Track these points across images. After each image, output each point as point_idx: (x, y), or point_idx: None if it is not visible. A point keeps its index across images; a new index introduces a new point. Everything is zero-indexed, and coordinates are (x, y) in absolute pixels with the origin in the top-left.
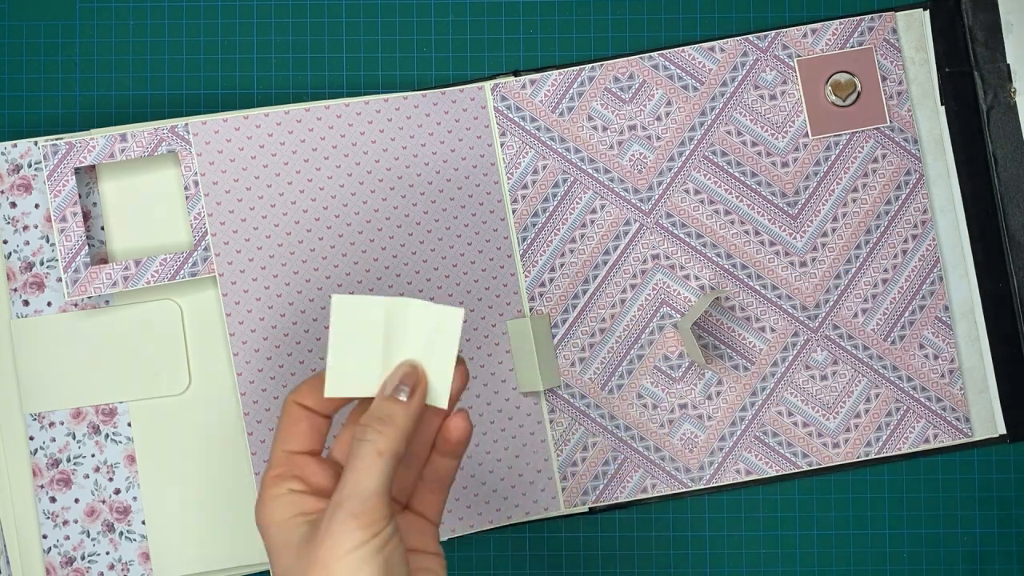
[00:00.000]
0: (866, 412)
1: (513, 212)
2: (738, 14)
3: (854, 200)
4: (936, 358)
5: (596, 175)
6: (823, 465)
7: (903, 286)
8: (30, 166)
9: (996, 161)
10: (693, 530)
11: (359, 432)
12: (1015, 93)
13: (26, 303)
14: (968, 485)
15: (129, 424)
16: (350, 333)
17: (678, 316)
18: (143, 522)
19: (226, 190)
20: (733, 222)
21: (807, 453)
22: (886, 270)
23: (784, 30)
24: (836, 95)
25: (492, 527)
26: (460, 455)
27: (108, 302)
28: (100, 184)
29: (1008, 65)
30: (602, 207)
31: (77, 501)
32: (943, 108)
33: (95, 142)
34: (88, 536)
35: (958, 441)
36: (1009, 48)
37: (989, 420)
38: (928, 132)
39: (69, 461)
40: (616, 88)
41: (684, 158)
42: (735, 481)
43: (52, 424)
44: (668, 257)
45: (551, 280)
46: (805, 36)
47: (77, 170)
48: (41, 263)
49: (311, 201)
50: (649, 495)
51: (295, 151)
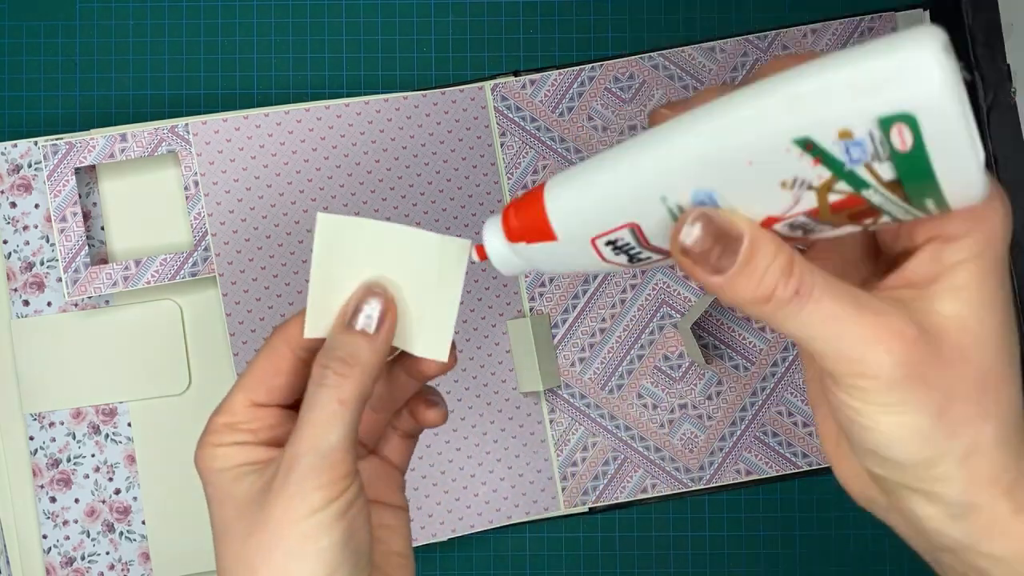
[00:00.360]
0: None
1: None
2: (738, 14)
3: None
4: None
5: None
6: (823, 465)
7: None
8: (30, 166)
9: (996, 161)
10: (693, 530)
11: (317, 375)
12: (1015, 93)
13: (26, 303)
14: None
15: (129, 424)
16: (336, 261)
17: (678, 316)
18: (143, 522)
19: (226, 190)
20: None
21: (807, 453)
22: None
23: (784, 30)
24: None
25: (492, 527)
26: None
27: (108, 302)
28: (100, 184)
29: (1008, 65)
30: None
31: (77, 501)
32: None
33: (95, 142)
34: (88, 536)
35: None
36: (1009, 48)
37: None
38: None
39: (69, 461)
40: (616, 88)
41: None
42: (735, 481)
43: (52, 424)
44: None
45: (551, 280)
46: (805, 36)
47: (77, 170)
48: (41, 263)
49: (311, 201)
50: (649, 495)
51: (295, 151)
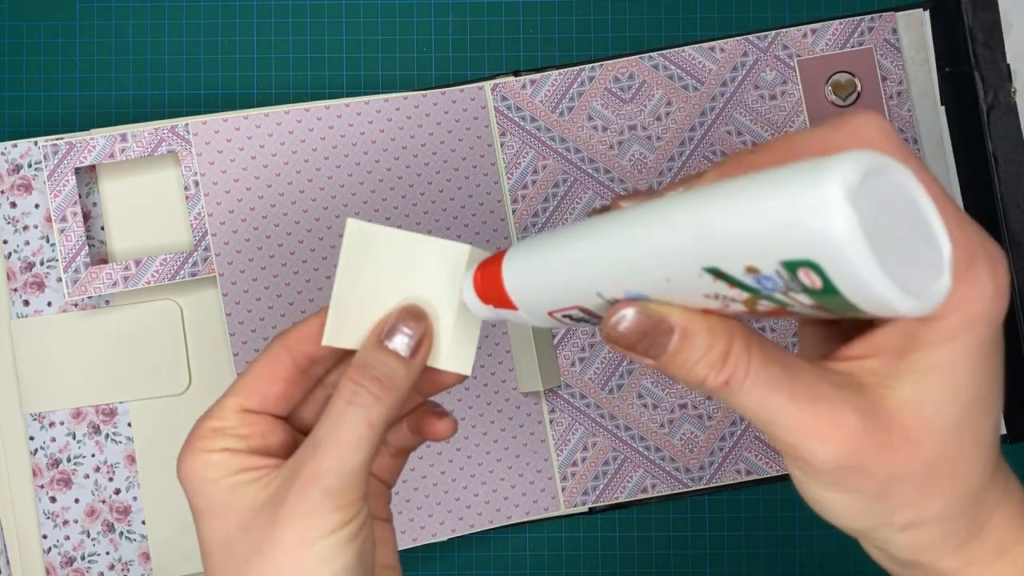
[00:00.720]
0: None
1: (513, 212)
2: (738, 14)
3: None
4: None
5: (596, 175)
6: None
7: None
8: (30, 166)
9: (996, 161)
10: (693, 530)
11: (348, 391)
12: (1015, 93)
13: (26, 303)
14: None
15: (129, 424)
16: (362, 270)
17: None
18: (143, 522)
19: (226, 190)
20: None
21: None
22: None
23: (784, 30)
24: (836, 95)
25: (492, 527)
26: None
27: (108, 302)
28: (100, 184)
29: (1008, 65)
30: (602, 206)
31: (77, 501)
32: (943, 108)
33: (95, 142)
34: (88, 536)
35: None
36: (1009, 48)
37: None
38: (928, 132)
39: (69, 461)
40: (616, 88)
41: (684, 158)
42: (735, 481)
43: (52, 424)
44: None
45: None
46: (805, 36)
47: (77, 170)
48: (41, 263)
49: (311, 201)
50: (649, 495)
51: (295, 151)
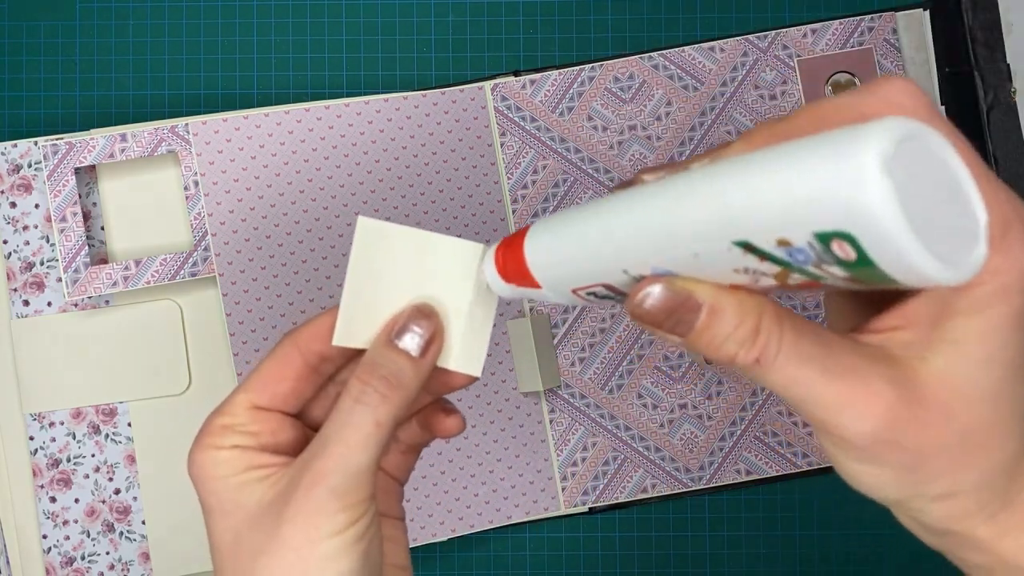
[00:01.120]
0: None
1: (513, 212)
2: (738, 14)
3: None
4: None
5: (596, 175)
6: (823, 465)
7: None
8: (30, 166)
9: (996, 161)
10: (693, 530)
11: (356, 390)
12: (1015, 93)
13: (26, 303)
14: None
15: (129, 424)
16: (373, 268)
17: None
18: (143, 522)
19: (226, 190)
20: None
21: (807, 453)
22: None
23: (784, 30)
24: (836, 95)
25: (492, 527)
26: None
27: (108, 302)
28: (100, 184)
29: (1008, 65)
30: None
31: (77, 501)
32: (943, 108)
33: (95, 142)
34: (88, 536)
35: None
36: (1009, 48)
37: None
38: None
39: (69, 461)
40: (616, 88)
41: (684, 158)
42: (735, 481)
43: (52, 424)
44: None
45: None
46: (805, 36)
47: (77, 170)
48: (41, 263)
49: (311, 201)
50: (649, 495)
51: (295, 151)
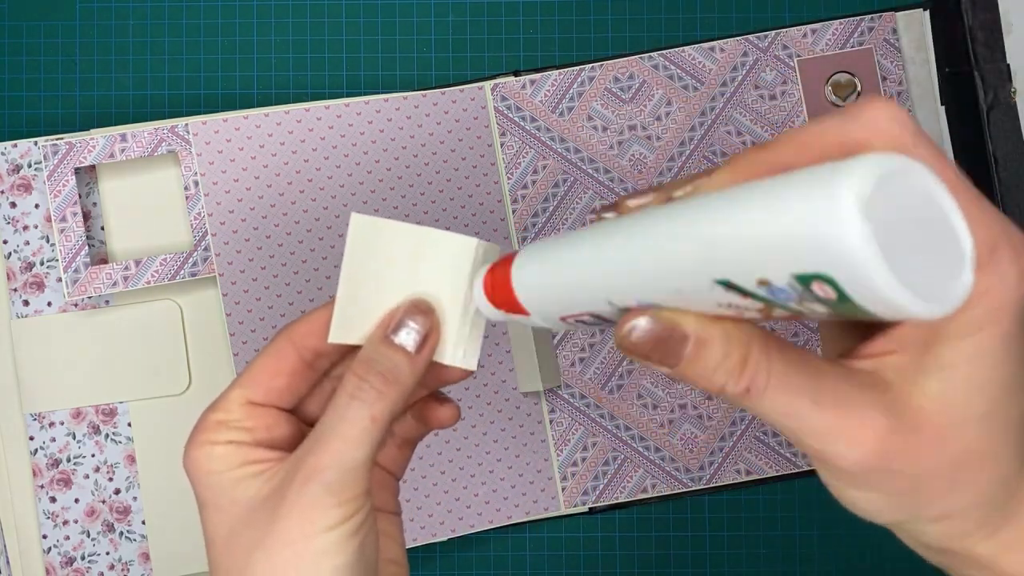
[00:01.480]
0: None
1: (513, 212)
2: (738, 14)
3: None
4: None
5: (596, 175)
6: None
7: None
8: (30, 166)
9: (996, 161)
10: (693, 530)
11: (351, 385)
12: (1015, 93)
13: (26, 303)
14: None
15: (129, 424)
16: (368, 264)
17: None
18: (143, 522)
19: (226, 190)
20: None
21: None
22: None
23: (784, 30)
24: (836, 95)
25: (492, 527)
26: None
27: (108, 302)
28: (100, 184)
29: (1008, 65)
30: (602, 207)
31: (77, 501)
32: (943, 108)
33: (95, 142)
34: (88, 536)
35: None
36: (1009, 48)
37: None
38: (928, 132)
39: (69, 461)
40: (616, 88)
41: (684, 158)
42: (735, 481)
43: (52, 424)
44: None
45: None
46: (805, 36)
47: (77, 170)
48: (41, 263)
49: (311, 201)
50: (649, 495)
51: (295, 151)
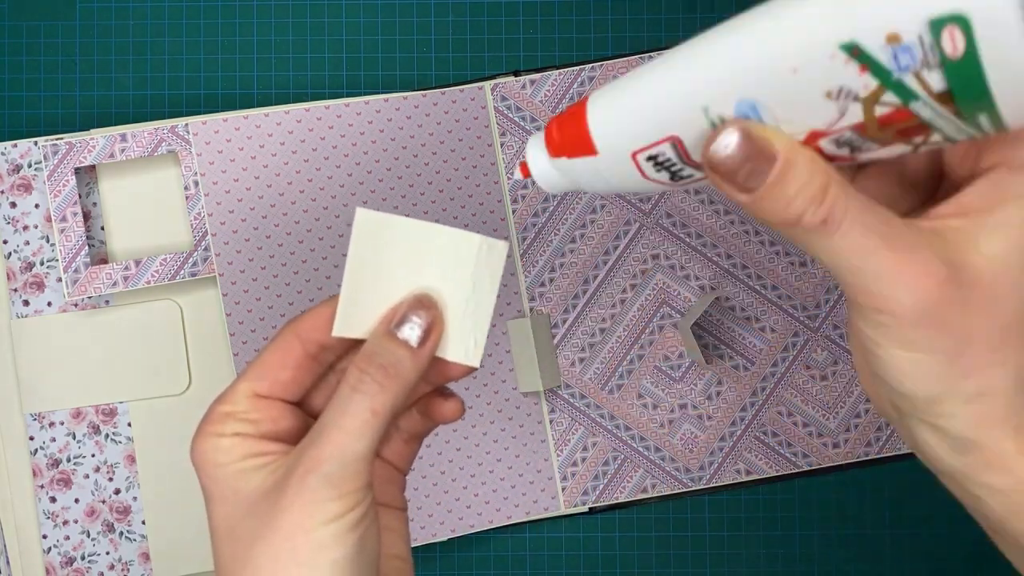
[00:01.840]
0: (866, 412)
1: (513, 212)
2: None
3: None
4: None
5: None
6: (823, 465)
7: None
8: (30, 166)
9: None
10: (693, 530)
11: (353, 378)
12: None
13: (26, 303)
14: None
15: (129, 424)
16: (373, 259)
17: (678, 316)
18: (143, 522)
19: (226, 190)
20: (733, 222)
21: (807, 453)
22: None
23: None
24: None
25: (492, 527)
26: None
27: (108, 302)
28: (100, 184)
29: None
30: (602, 207)
31: (77, 501)
32: None
33: (95, 142)
34: (88, 536)
35: None
36: None
37: None
38: None
39: (69, 461)
40: None
41: None
42: (735, 481)
43: (52, 424)
44: (668, 257)
45: (551, 280)
46: None
47: (77, 170)
48: (41, 263)
49: (311, 201)
50: (649, 495)
51: (295, 151)
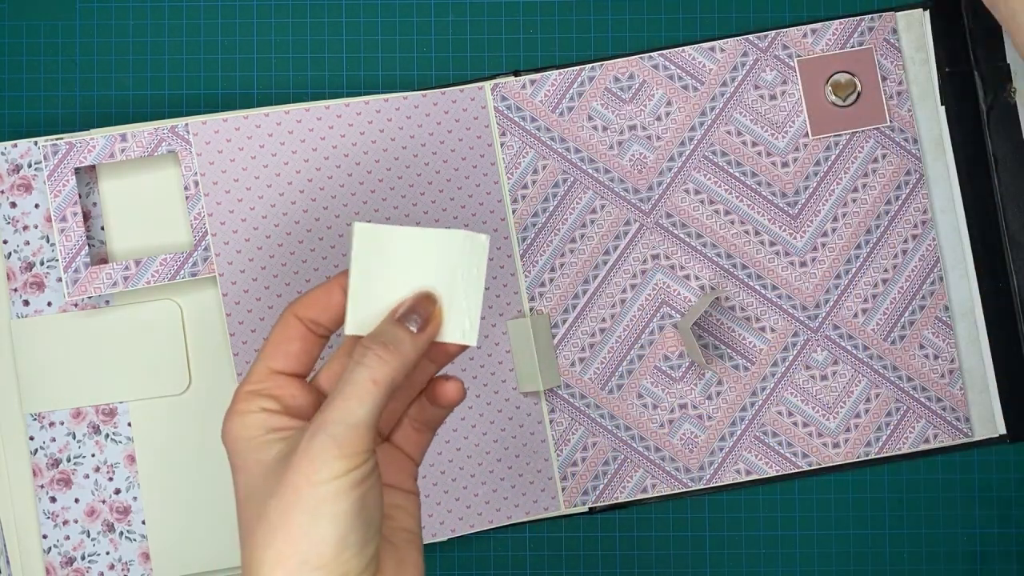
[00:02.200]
0: (866, 412)
1: (513, 212)
2: (738, 14)
3: (854, 200)
4: (936, 358)
5: (596, 175)
6: (823, 465)
7: (903, 286)
8: (30, 166)
9: (996, 161)
10: (693, 530)
11: (358, 354)
12: (1015, 93)
13: (26, 303)
14: (968, 485)
15: (129, 424)
16: (372, 265)
17: (678, 316)
18: (143, 522)
19: (226, 190)
20: (733, 222)
21: (807, 453)
22: (886, 270)
23: (784, 30)
24: (836, 95)
25: (492, 527)
26: (449, 410)
27: (108, 302)
28: (100, 184)
29: (1008, 65)
30: (602, 207)
31: (77, 501)
32: (943, 108)
33: (95, 142)
34: (88, 536)
35: (958, 441)
36: (1009, 48)
37: (989, 420)
38: (928, 132)
39: (69, 461)
40: (616, 88)
41: (684, 158)
42: (735, 481)
43: (52, 424)
44: (668, 257)
45: (551, 280)
46: (805, 36)
47: (77, 170)
48: (41, 263)
49: (311, 201)
50: (649, 495)
51: (295, 151)
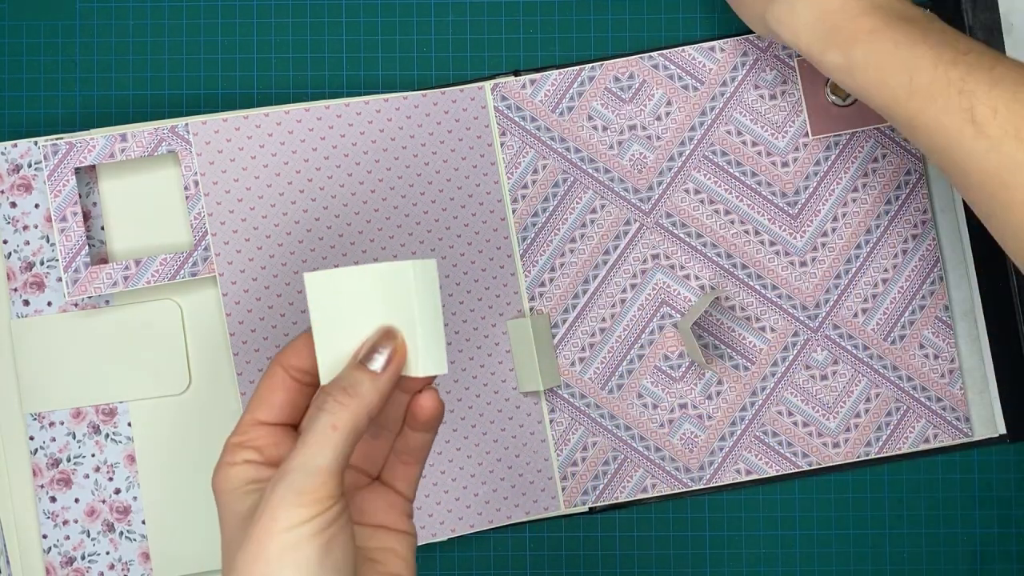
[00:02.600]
0: (866, 412)
1: (513, 212)
2: None
3: (854, 200)
4: (936, 358)
5: (596, 175)
6: (823, 465)
7: (903, 286)
8: (30, 166)
9: None
10: (693, 530)
11: (319, 400)
12: None
13: (26, 303)
14: (968, 485)
15: (129, 424)
16: (330, 312)
17: (678, 316)
18: (143, 522)
19: (226, 190)
20: (733, 222)
21: (807, 453)
22: (886, 270)
23: None
24: (836, 95)
25: (492, 527)
26: (434, 430)
27: (108, 302)
28: (100, 184)
29: None
30: (602, 207)
31: (77, 501)
32: None
33: (95, 142)
34: (88, 536)
35: (958, 441)
36: (1009, 48)
37: (989, 420)
38: None
39: (69, 461)
40: (616, 88)
41: (684, 158)
42: (735, 481)
43: (52, 424)
44: (668, 257)
45: (551, 280)
46: None
47: (77, 170)
48: (41, 263)
49: (311, 201)
50: (649, 495)
51: (295, 151)
